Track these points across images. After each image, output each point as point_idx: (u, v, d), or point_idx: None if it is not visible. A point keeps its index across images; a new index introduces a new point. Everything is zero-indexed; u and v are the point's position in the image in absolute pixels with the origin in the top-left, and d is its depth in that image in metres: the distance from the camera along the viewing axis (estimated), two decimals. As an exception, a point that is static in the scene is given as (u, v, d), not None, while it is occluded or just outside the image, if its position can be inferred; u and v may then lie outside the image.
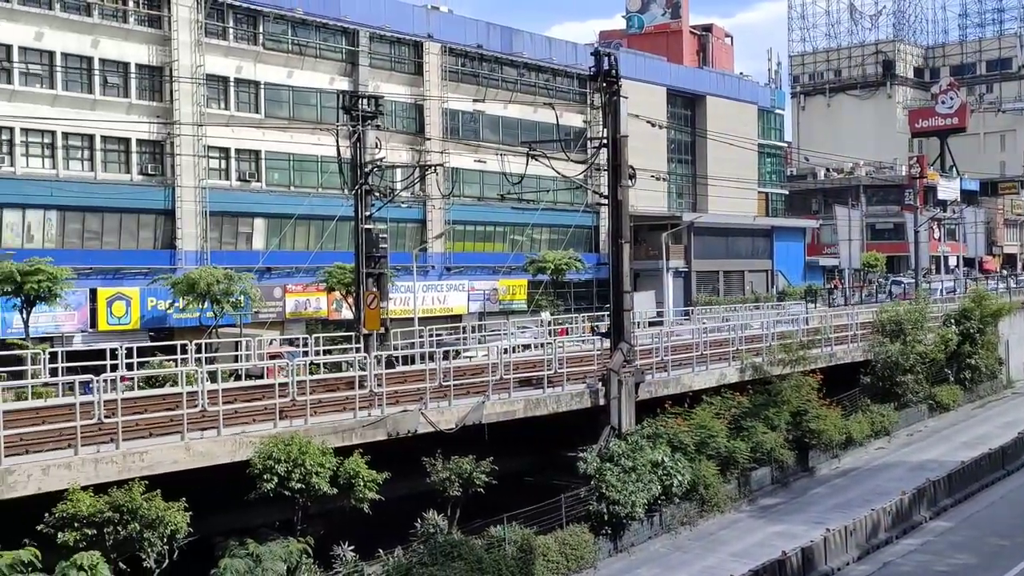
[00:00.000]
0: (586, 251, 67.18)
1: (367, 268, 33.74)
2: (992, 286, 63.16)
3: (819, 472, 35.18)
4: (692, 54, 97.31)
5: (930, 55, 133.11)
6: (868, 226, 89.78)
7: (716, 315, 52.75)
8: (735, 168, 78.44)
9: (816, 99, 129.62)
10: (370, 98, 35.03)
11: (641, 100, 58.05)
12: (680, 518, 28.81)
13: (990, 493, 31.51)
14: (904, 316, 42.77)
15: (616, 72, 30.81)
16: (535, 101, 62.59)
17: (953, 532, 27.75)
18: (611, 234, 31.71)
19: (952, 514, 29.42)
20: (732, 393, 33.68)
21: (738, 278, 78.50)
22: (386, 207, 37.88)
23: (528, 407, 27.81)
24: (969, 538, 27.07)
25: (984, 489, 31.74)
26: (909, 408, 41.75)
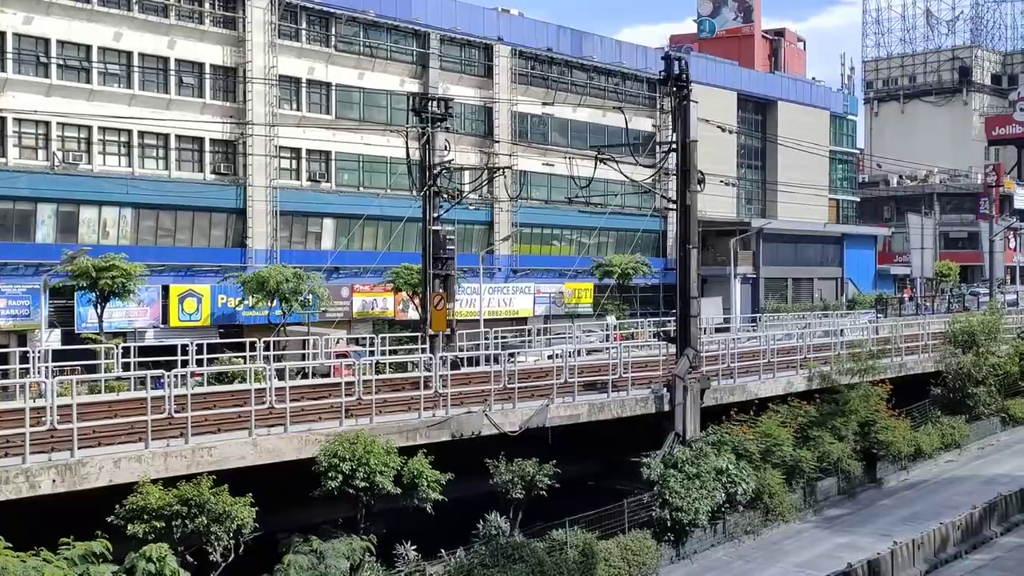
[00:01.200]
0: (653, 256, 66.84)
1: (434, 269, 33.96)
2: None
3: (887, 484, 34.62)
4: (764, 59, 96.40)
5: (1008, 61, 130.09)
6: (941, 235, 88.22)
7: (785, 323, 52.14)
8: (806, 174, 77.52)
9: (890, 105, 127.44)
10: (440, 100, 35.29)
11: (711, 104, 57.62)
12: (744, 527, 28.54)
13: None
14: (977, 327, 41.92)
15: (686, 76, 30.66)
16: (604, 105, 62.46)
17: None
18: (679, 239, 31.53)
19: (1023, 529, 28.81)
20: (799, 402, 33.30)
21: (807, 285, 77.52)
22: (453, 209, 38.06)
23: (592, 411, 27.77)
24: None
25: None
26: (981, 421, 40.89)
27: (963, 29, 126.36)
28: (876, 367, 36.27)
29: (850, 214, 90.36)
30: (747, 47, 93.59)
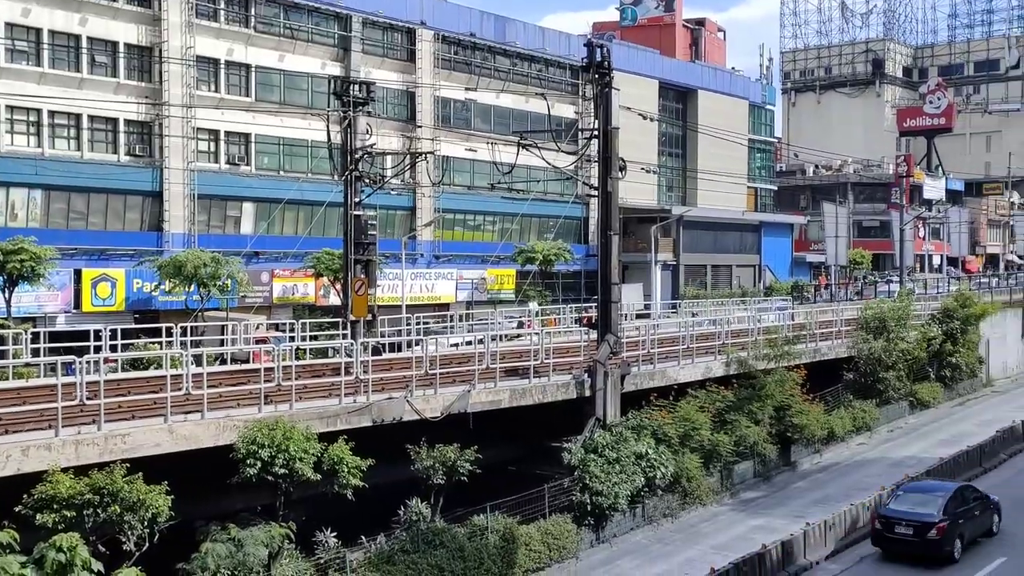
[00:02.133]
0: (575, 242, 67.20)
1: (355, 255, 33.72)
2: (975, 286, 63.54)
3: (801, 466, 35.37)
4: (685, 48, 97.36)
5: (919, 55, 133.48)
6: (855, 223, 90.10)
7: (703, 309, 52.88)
8: (725, 162, 78.61)
9: (807, 96, 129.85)
10: (362, 84, 34.98)
11: (633, 92, 58.06)
12: (662, 510, 28.93)
13: (969, 491, 31.65)
14: (888, 314, 43.00)
15: (608, 64, 30.83)
16: (527, 91, 62.51)
17: (931, 529, 27.87)
18: (600, 226, 31.75)
19: (931, 511, 29.57)
20: (717, 387, 33.81)
21: (726, 272, 78.68)
22: (376, 194, 37.82)
23: (514, 396, 27.86)
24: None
25: (962, 487, 31.90)
26: (890, 405, 42.00)
27: (876, 22, 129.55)
28: (791, 352, 37.00)
29: (768, 202, 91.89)
30: (668, 36, 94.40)
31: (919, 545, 24.97)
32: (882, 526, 25.52)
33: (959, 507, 25.79)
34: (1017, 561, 25.07)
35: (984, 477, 33.04)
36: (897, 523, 25.23)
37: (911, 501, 26.03)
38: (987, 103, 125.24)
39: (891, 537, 25.35)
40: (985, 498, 27.26)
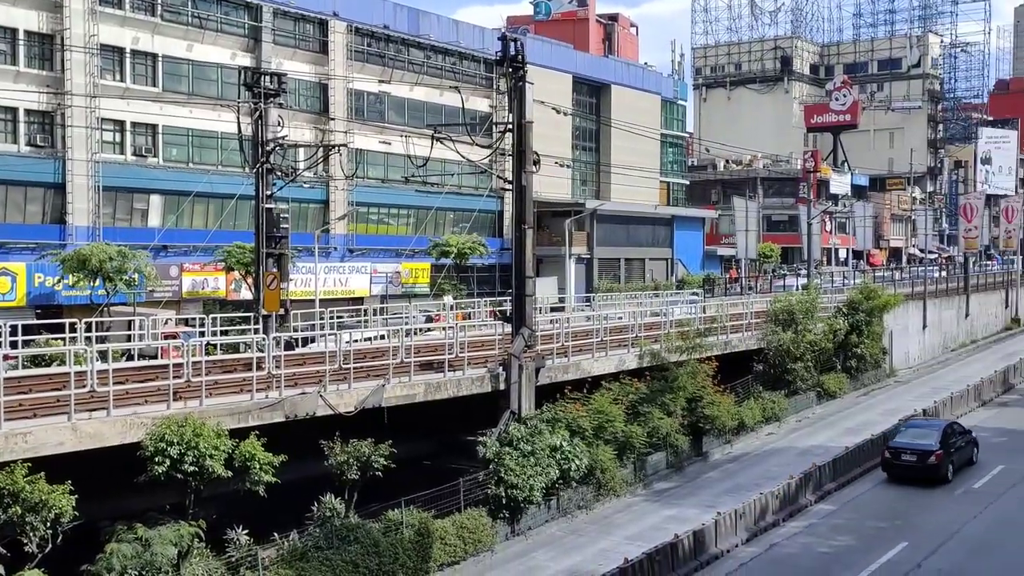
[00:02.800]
0: (490, 236, 67.24)
1: (267, 248, 33.25)
2: (879, 279, 65.21)
3: (712, 457, 35.92)
4: (598, 43, 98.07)
5: (825, 53, 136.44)
6: (764, 217, 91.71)
7: (617, 302, 53.33)
8: (638, 157, 79.37)
9: (717, 91, 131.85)
10: (273, 75, 34.46)
11: (547, 87, 58.24)
12: (577, 502, 29.12)
13: (871, 477, 32.50)
14: (796, 306, 43.90)
15: (522, 57, 30.86)
16: (441, 84, 62.29)
17: (836, 515, 28.62)
18: (514, 219, 31.78)
19: (835, 498, 30.33)
20: (630, 379, 34.13)
21: (639, 266, 79.47)
22: (288, 187, 37.34)
23: (429, 391, 27.77)
24: (850, 521, 27.95)
25: (866, 474, 32.75)
26: (798, 395, 42.88)
27: (785, 20, 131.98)
28: (703, 345, 37.55)
29: (680, 196, 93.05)
30: (582, 30, 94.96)
31: (921, 469, 31.16)
32: (890, 455, 31.80)
33: (950, 439, 32.14)
34: (1000, 478, 31.83)
35: (888, 464, 33.96)
36: (903, 452, 31.51)
37: (913, 435, 32.28)
38: (890, 100, 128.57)
39: (898, 464, 31.61)
40: (968, 433, 33.89)
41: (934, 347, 58.80)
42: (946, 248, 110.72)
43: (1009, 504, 29.37)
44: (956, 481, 31.47)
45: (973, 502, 29.38)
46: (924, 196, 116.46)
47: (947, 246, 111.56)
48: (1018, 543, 26.00)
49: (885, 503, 29.72)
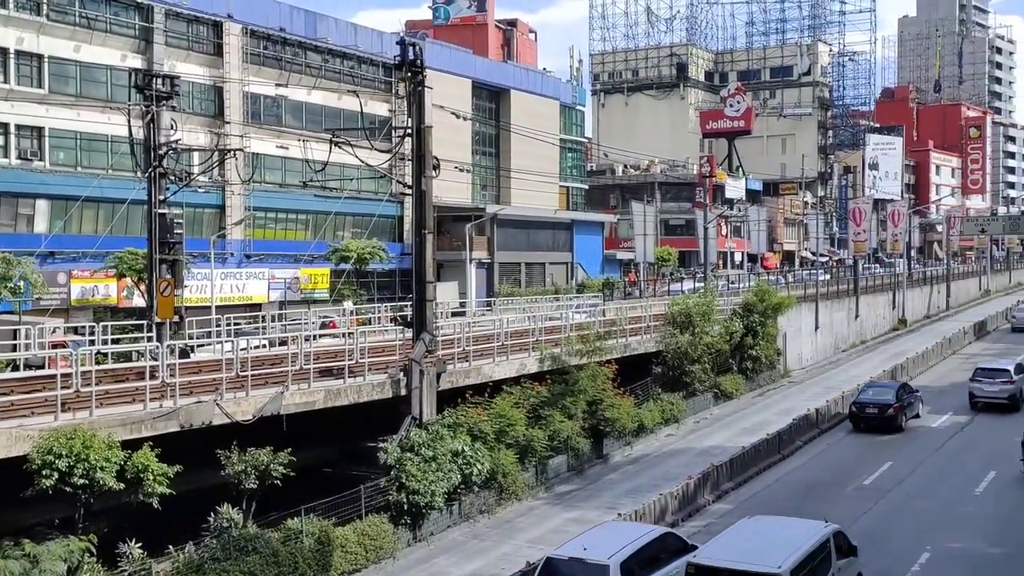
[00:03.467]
0: (390, 241, 66.84)
1: (161, 254, 32.50)
2: (773, 281, 66.68)
3: (613, 459, 36.25)
4: (497, 48, 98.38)
5: (720, 60, 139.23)
6: (662, 222, 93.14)
7: (518, 306, 53.52)
8: (538, 162, 79.81)
9: (615, 97, 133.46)
10: (165, 78, 33.72)
11: (446, 91, 58.20)
12: (479, 506, 29.10)
13: (767, 476, 33.16)
14: (693, 309, 44.59)
15: (421, 62, 30.77)
16: (340, 88, 61.75)
17: (732, 514, 28.98)
18: (415, 224, 31.67)
19: (732, 497, 30.84)
20: (532, 383, 34.27)
21: (539, 270, 79.91)
22: (182, 191, 36.59)
23: (328, 397, 27.45)
24: (747, 519, 28.44)
25: (762, 472, 33.36)
26: (696, 396, 43.56)
27: (680, 28, 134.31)
28: (603, 348, 37.89)
29: (579, 201, 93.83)
30: (481, 36, 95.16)
31: (881, 420, 38.63)
32: (856, 410, 39.35)
33: (903, 396, 39.76)
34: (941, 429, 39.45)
35: (782, 463, 34.74)
36: (867, 407, 39.16)
37: (873, 393, 40.19)
38: (782, 107, 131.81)
39: (863, 415, 39.07)
40: (915, 391, 41.82)
41: (826, 348, 60.35)
42: (837, 251, 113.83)
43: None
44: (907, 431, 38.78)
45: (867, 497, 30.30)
46: (815, 201, 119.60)
47: (838, 249, 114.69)
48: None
49: (781, 501, 30.35)
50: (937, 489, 30.67)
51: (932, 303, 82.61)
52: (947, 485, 31.06)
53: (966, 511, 28.41)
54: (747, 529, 20.30)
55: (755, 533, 19.99)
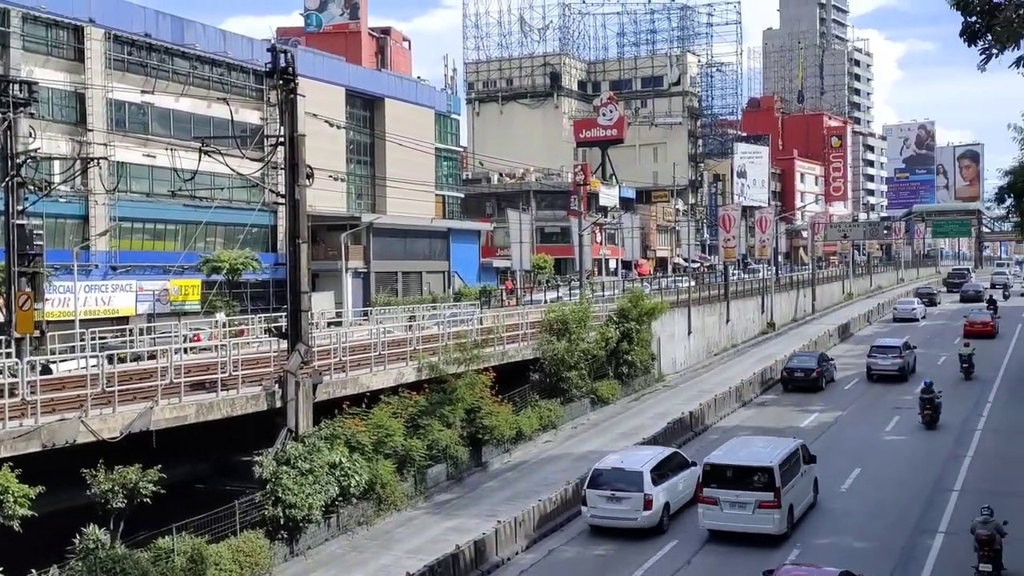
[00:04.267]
0: (263, 251, 65.71)
1: (20, 267, 31.24)
2: (647, 287, 67.84)
3: (492, 466, 36.32)
4: (371, 56, 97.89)
5: (592, 70, 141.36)
6: (538, 229, 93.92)
7: (395, 315, 53.23)
8: (413, 170, 79.55)
9: (490, 106, 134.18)
10: (22, 83, 32.45)
11: (320, 99, 57.50)
12: (357, 518, 28.80)
13: (646, 479, 33.71)
14: (569, 315, 45.03)
15: (293, 69, 30.36)
16: (209, 95, 60.44)
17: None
18: (288, 234, 31.20)
19: (612, 501, 31.26)
20: (410, 392, 34.09)
21: (416, 279, 79.66)
22: (42, 202, 35.30)
23: (201, 411, 26.79)
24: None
25: (640, 476, 33.93)
26: (574, 402, 43.96)
27: (553, 38, 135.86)
28: (481, 356, 37.94)
29: (456, 210, 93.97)
30: (354, 44, 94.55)
31: (807, 381, 48.58)
32: (787, 374, 49.42)
33: (823, 363, 49.94)
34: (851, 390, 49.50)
35: (658, 465, 35.29)
36: (796, 371, 49.20)
37: (800, 360, 50.32)
38: (653, 116, 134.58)
39: (792, 378, 49.04)
40: (831, 360, 52.24)
41: (699, 352, 61.69)
42: (708, 257, 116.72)
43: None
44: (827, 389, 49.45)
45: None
46: (687, 208, 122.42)
47: (709, 255, 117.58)
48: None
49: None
50: (858, 429, 39.96)
51: (799, 307, 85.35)
52: (865, 426, 40.48)
53: (881, 443, 37.45)
54: (739, 444, 29.03)
55: (746, 444, 29.00)
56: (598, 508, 27.36)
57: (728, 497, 25.76)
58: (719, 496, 25.87)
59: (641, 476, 27.04)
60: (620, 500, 26.99)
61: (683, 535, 27.19)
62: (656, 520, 27.05)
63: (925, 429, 38.87)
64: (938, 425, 39.04)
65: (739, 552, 25.44)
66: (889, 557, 24.63)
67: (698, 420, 40.93)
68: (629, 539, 26.94)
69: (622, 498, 26.96)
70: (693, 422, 40.42)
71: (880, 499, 29.74)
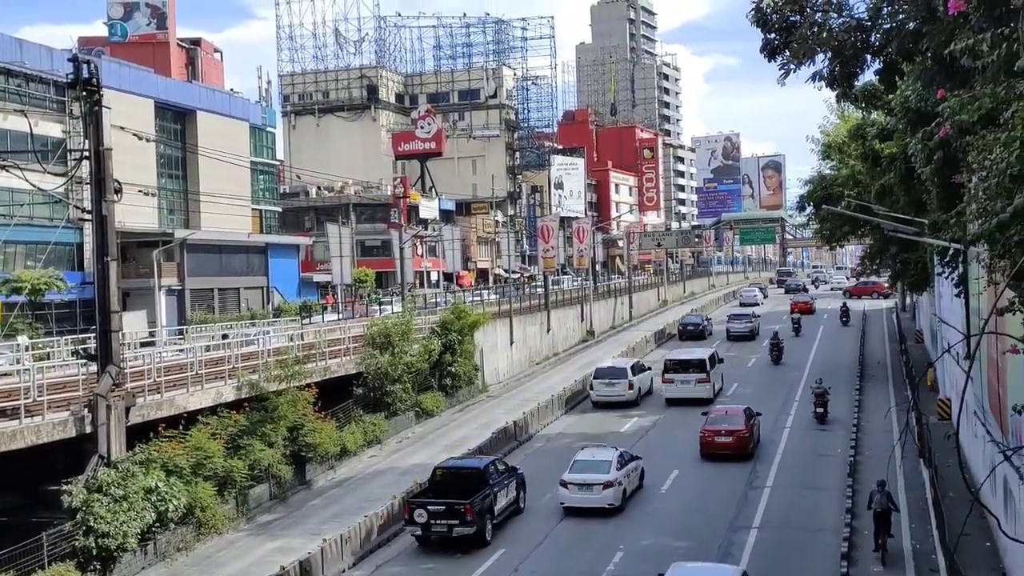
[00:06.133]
0: (69, 269, 62.66)
1: None
2: (469, 298, 68.36)
3: (316, 484, 35.85)
4: (180, 67, 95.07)
5: (409, 82, 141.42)
6: (358, 243, 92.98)
7: (212, 333, 51.71)
8: (228, 184, 77.58)
9: (306, 119, 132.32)
10: None
11: (127, 111, 55.38)
12: (176, 544, 27.93)
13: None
14: (392, 329, 44.94)
15: (98, 80, 29.21)
16: (5, 107, 57.30)
17: (440, 530, 29.56)
18: (96, 252, 29.95)
19: (439, 513, 31.32)
20: (230, 412, 33.25)
21: (234, 295, 77.69)
22: None
23: (2, 440, 25.33)
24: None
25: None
26: (398, 416, 43.91)
27: (369, 50, 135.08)
28: (302, 372, 37.42)
29: (273, 224, 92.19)
30: (163, 54, 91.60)
31: (696, 334, 71.23)
32: (681, 328, 72.47)
33: (705, 321, 74.97)
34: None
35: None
36: (688, 326, 72.63)
37: (689, 320, 74.10)
38: (471, 129, 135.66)
39: (686, 331, 71.27)
40: (709, 319, 78.28)
41: (522, 362, 62.57)
42: (528, 268, 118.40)
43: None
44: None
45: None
46: (506, 219, 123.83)
47: (529, 266, 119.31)
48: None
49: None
50: (742, 359, 60.04)
51: (617, 314, 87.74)
52: (741, 358, 60.04)
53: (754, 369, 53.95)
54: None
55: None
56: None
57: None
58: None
59: (625, 372, 48.70)
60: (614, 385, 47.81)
61: (509, 544, 27.55)
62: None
63: (772, 365, 58.13)
64: (782, 362, 58.58)
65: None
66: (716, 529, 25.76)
67: (522, 429, 41.53)
68: (454, 553, 27.07)
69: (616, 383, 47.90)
70: (517, 431, 40.98)
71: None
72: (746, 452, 36.07)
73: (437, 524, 27.15)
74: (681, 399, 46.39)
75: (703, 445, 36.36)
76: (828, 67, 21.40)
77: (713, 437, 36.19)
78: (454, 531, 27.06)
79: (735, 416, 37.32)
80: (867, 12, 21.18)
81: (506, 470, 30.61)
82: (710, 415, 37.95)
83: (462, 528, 27.01)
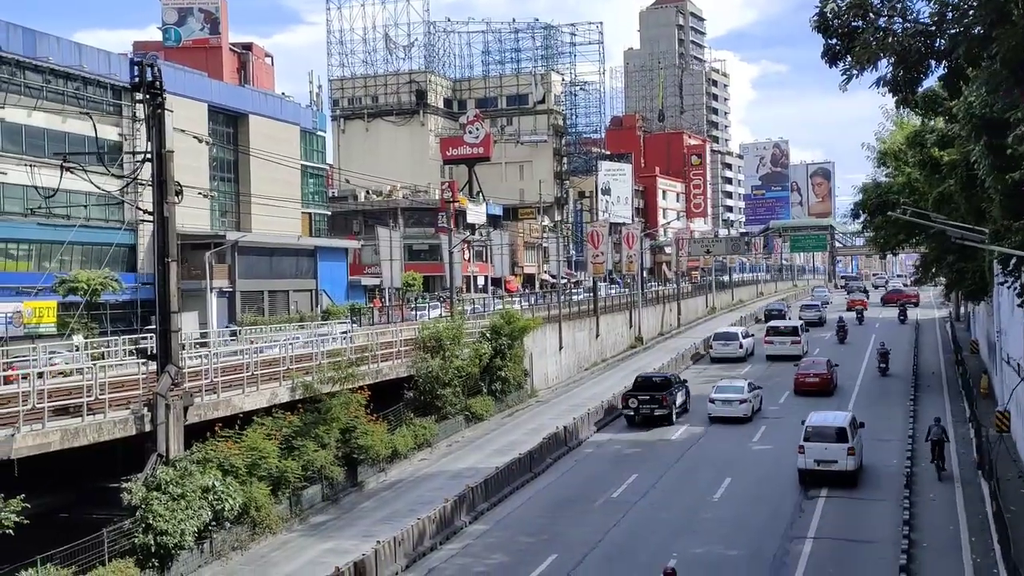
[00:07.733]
0: (125, 271, 63.61)
1: None
2: (518, 303, 68.39)
3: (368, 486, 36.00)
4: (232, 71, 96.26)
5: (458, 88, 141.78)
6: (406, 247, 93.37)
7: (265, 335, 52.21)
8: (279, 188, 78.41)
9: (356, 123, 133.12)
10: None
11: (181, 115, 55.55)
12: (232, 543, 28.16)
13: (520, 495, 33.90)
14: (443, 333, 45.07)
15: (160, 83, 29.62)
16: (64, 110, 58.29)
17: (489, 534, 29.62)
18: (157, 253, 30.33)
19: (488, 517, 31.33)
20: (284, 413, 33.47)
21: (283, 298, 78.41)
22: None
23: (66, 437, 25.73)
24: (503, 539, 29.04)
25: (515, 492, 34.08)
26: (448, 420, 43.97)
27: (418, 55, 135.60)
28: (355, 374, 37.60)
29: (322, 227, 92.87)
30: (215, 59, 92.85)
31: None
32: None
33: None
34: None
35: (534, 482, 35.61)
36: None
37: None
38: (519, 134, 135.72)
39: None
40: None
41: (570, 367, 62.46)
42: (575, 273, 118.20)
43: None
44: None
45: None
46: (553, 224, 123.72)
47: (575, 271, 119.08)
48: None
49: (534, 518, 31.11)
50: (813, 339, 70.26)
51: (665, 321, 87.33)
52: (813, 338, 70.92)
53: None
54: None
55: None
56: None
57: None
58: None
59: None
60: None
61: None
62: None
63: (839, 343, 69.22)
64: (847, 341, 70.36)
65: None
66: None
67: (572, 434, 41.43)
68: (507, 551, 27.06)
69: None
70: (567, 436, 40.89)
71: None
72: (828, 390, 49.79)
73: (643, 408, 44.06)
74: (779, 356, 62.06)
75: (796, 384, 50.10)
76: (891, 72, 21.14)
77: (804, 379, 50.08)
78: (655, 412, 43.96)
79: (820, 364, 51.57)
80: (932, 17, 20.89)
81: (679, 382, 46.62)
82: (801, 364, 52.39)
83: (661, 410, 43.94)
